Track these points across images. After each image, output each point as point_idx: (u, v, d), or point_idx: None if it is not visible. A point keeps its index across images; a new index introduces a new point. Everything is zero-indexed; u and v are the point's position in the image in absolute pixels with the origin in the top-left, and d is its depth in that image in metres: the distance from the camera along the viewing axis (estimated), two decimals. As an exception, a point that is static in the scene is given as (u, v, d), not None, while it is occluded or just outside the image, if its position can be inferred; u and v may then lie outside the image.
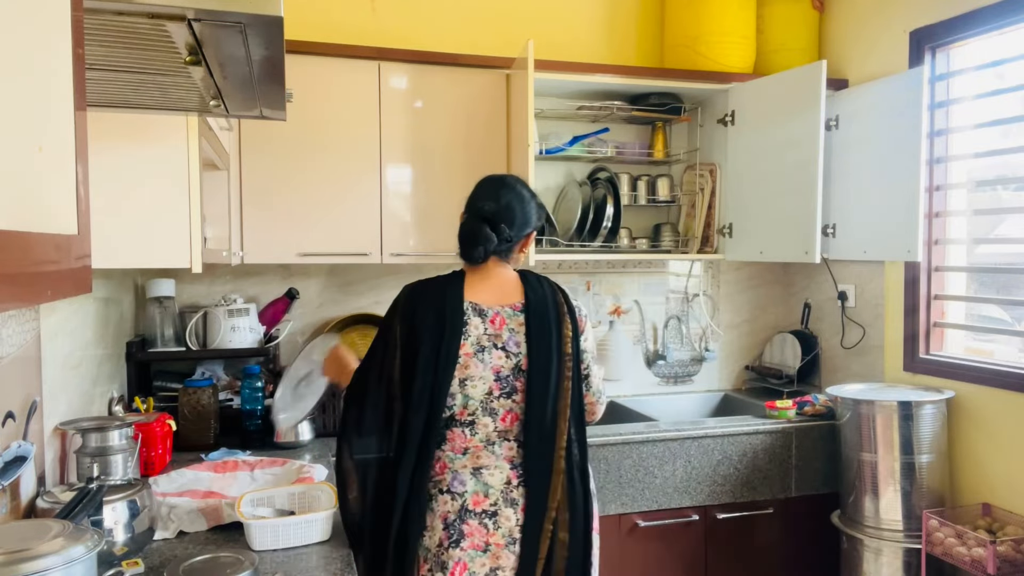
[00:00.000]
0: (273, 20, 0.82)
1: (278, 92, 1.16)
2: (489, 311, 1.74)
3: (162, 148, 1.65)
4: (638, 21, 3.27)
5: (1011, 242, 2.71)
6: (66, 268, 0.67)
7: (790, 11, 3.15)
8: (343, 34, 2.86)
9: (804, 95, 2.71)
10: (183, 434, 2.33)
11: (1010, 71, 2.58)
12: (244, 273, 2.87)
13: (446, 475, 1.70)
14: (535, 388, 1.70)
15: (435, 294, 1.74)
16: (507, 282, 1.80)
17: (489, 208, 1.77)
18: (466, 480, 1.70)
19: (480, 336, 1.71)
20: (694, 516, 2.68)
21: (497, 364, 1.71)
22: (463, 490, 1.69)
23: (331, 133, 2.60)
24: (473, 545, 1.67)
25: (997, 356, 2.63)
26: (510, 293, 1.78)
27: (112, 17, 0.81)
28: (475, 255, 1.77)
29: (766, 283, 3.48)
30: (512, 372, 1.72)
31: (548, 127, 3.07)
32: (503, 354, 1.71)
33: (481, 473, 1.70)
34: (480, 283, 1.78)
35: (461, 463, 1.70)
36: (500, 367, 1.71)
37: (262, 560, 1.48)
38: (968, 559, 2.31)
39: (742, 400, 3.24)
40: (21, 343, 1.44)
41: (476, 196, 1.83)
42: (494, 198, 1.79)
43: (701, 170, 3.20)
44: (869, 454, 2.59)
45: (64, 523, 1.12)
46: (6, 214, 0.52)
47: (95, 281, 1.95)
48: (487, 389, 1.70)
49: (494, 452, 1.71)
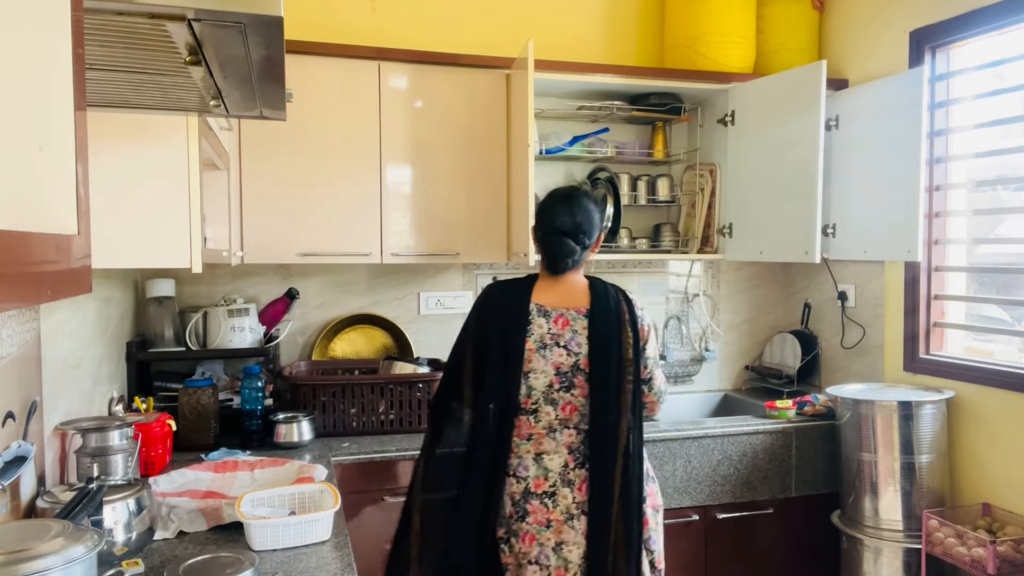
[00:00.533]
0: (273, 20, 0.82)
1: (278, 92, 1.16)
2: (553, 312, 1.92)
3: (162, 148, 1.65)
4: (638, 21, 3.27)
5: (1011, 242, 2.71)
6: (66, 268, 0.67)
7: (790, 11, 3.15)
8: (343, 34, 2.86)
9: (804, 95, 2.71)
10: (183, 434, 2.33)
11: (1010, 71, 2.58)
12: (244, 273, 2.87)
13: (512, 460, 1.89)
14: (596, 385, 1.88)
15: (506, 295, 1.97)
16: (577, 288, 1.97)
17: (567, 223, 1.94)
18: (529, 465, 1.88)
19: (543, 335, 1.90)
20: (694, 516, 2.68)
21: (557, 360, 1.89)
22: (526, 475, 1.88)
23: (331, 133, 2.60)
24: (537, 521, 1.86)
25: (997, 356, 2.63)
26: (578, 298, 1.95)
27: (112, 17, 0.81)
28: (561, 267, 1.95)
29: (766, 283, 3.48)
30: (571, 369, 1.89)
31: (548, 127, 3.07)
32: (564, 352, 1.89)
33: (542, 458, 1.89)
34: (550, 287, 1.96)
35: (525, 448, 1.89)
36: (560, 363, 1.89)
37: (262, 560, 1.48)
38: (968, 559, 2.31)
39: (742, 400, 3.24)
40: (21, 343, 1.44)
41: (551, 213, 1.98)
42: (569, 213, 1.95)
43: (701, 170, 3.20)
44: (869, 454, 2.59)
45: (64, 523, 1.12)
46: (6, 214, 0.52)
47: (95, 281, 1.95)
48: (548, 382, 1.88)
49: (555, 439, 1.89)
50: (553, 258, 1.95)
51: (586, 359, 1.88)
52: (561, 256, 1.94)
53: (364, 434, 2.57)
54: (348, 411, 2.58)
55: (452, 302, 3.08)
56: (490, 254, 2.81)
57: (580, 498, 1.87)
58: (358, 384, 2.59)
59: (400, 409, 2.60)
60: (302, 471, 1.98)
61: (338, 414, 2.57)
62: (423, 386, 2.61)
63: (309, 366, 2.81)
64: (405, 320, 3.02)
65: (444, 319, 3.07)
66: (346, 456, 2.36)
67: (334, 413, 2.57)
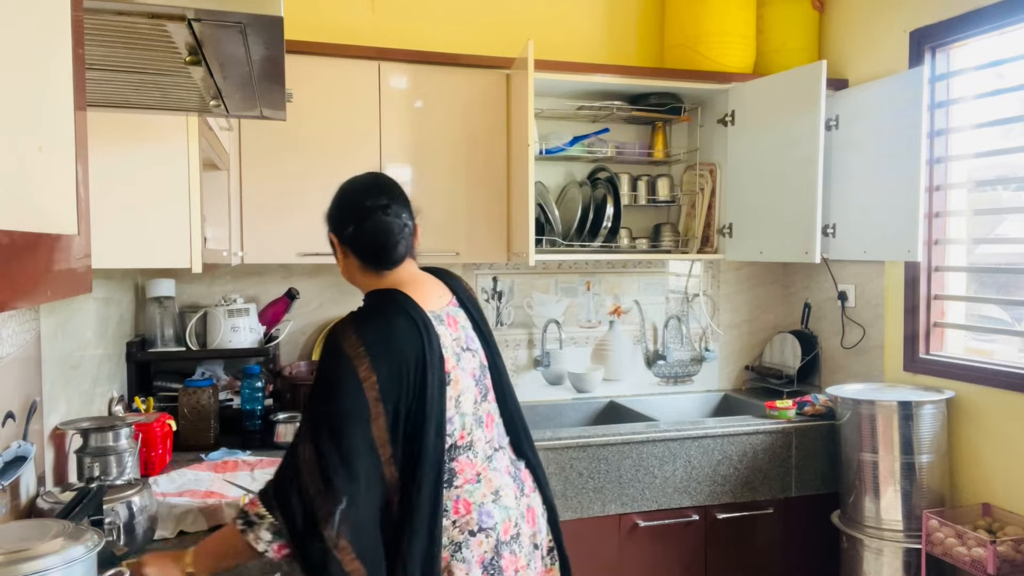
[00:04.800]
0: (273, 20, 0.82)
1: (278, 92, 1.16)
2: (443, 315, 1.53)
3: (162, 148, 1.65)
4: (638, 21, 3.27)
5: (1011, 242, 2.70)
6: (66, 268, 0.67)
7: (790, 11, 3.15)
8: (343, 34, 2.86)
9: (804, 95, 2.71)
10: (183, 434, 2.33)
11: (1010, 71, 2.58)
12: (244, 273, 2.87)
13: (472, 513, 1.46)
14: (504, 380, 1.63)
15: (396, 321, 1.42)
16: (428, 279, 1.60)
17: (384, 200, 1.54)
18: (492, 512, 1.48)
19: (450, 343, 1.50)
20: (694, 516, 2.68)
21: (472, 367, 1.53)
22: (493, 523, 1.48)
23: (331, 133, 2.60)
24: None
25: (997, 356, 2.63)
26: (440, 290, 1.59)
27: (112, 17, 0.81)
28: (397, 254, 1.54)
29: (766, 283, 3.48)
30: (481, 371, 1.57)
31: (548, 127, 3.07)
32: (470, 355, 1.54)
33: (500, 496, 1.51)
34: (415, 288, 1.53)
35: (481, 493, 1.49)
36: (473, 369, 1.54)
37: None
38: (968, 559, 2.31)
39: (742, 400, 3.24)
40: (21, 343, 1.44)
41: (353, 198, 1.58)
42: (382, 189, 1.58)
43: (701, 170, 3.20)
44: (869, 454, 2.59)
45: (64, 523, 1.12)
46: (6, 214, 0.52)
47: (95, 281, 1.95)
48: (472, 398, 1.52)
49: (493, 466, 1.54)
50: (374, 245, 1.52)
51: (483, 353, 1.59)
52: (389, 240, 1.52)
53: (364, 434, 2.56)
54: (348, 411, 2.57)
55: (452, 302, 3.08)
56: (490, 254, 2.81)
57: (531, 530, 1.57)
58: (358, 384, 2.58)
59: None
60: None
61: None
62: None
63: (309, 366, 2.81)
64: (405, 320, 3.02)
65: (444, 319, 3.06)
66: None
67: (334, 413, 2.56)
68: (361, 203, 1.56)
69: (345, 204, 1.60)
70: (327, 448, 1.31)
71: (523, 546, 1.53)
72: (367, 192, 1.58)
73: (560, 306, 3.22)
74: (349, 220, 1.56)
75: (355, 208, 1.56)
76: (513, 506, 1.53)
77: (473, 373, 1.53)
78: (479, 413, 1.53)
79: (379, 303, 1.49)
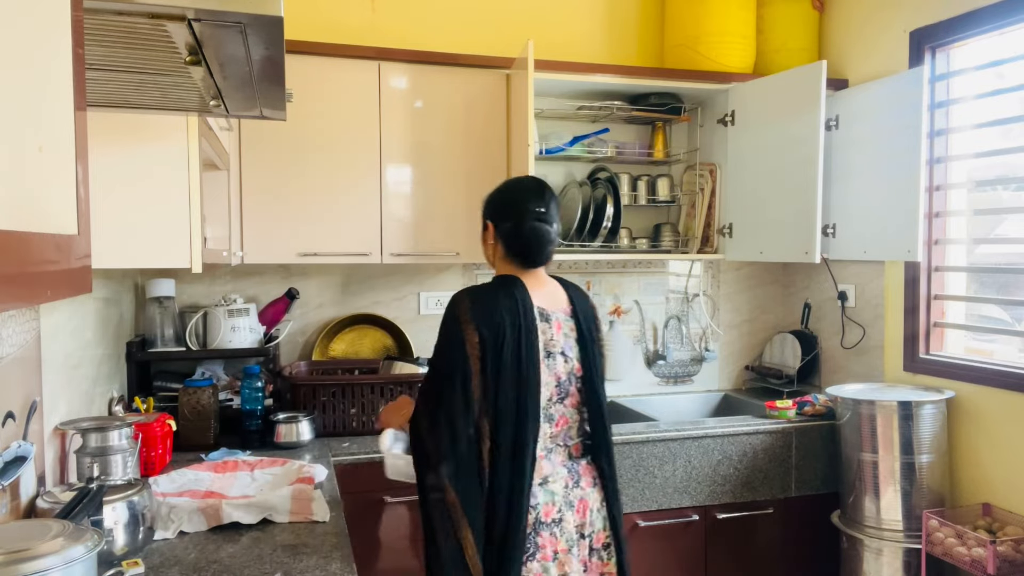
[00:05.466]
0: (273, 20, 0.82)
1: (278, 92, 1.16)
2: (552, 316, 1.76)
3: (162, 148, 1.65)
4: (638, 21, 3.28)
5: (1011, 242, 2.71)
6: (66, 268, 0.67)
7: (790, 11, 3.15)
8: (343, 34, 2.86)
9: (804, 95, 2.71)
10: (183, 434, 2.33)
11: (1010, 71, 2.58)
12: (244, 273, 2.87)
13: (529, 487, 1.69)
14: (591, 392, 1.78)
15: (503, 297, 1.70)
16: (554, 286, 1.83)
17: (543, 208, 1.78)
18: (537, 493, 1.70)
19: (547, 342, 1.73)
20: (694, 516, 2.68)
21: (558, 371, 1.74)
22: (536, 503, 1.69)
23: (331, 133, 2.60)
24: (544, 557, 1.69)
25: (997, 356, 2.63)
26: (559, 298, 1.81)
27: (112, 17, 0.81)
28: (543, 257, 1.79)
29: (766, 283, 3.48)
30: (568, 377, 1.76)
31: (548, 127, 3.07)
32: (563, 359, 1.75)
33: (547, 482, 1.72)
34: (538, 288, 1.78)
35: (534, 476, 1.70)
36: (559, 373, 1.74)
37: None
38: (968, 559, 2.31)
39: (742, 400, 3.24)
40: (21, 343, 1.44)
41: (520, 198, 1.80)
42: (541, 198, 1.80)
43: (701, 170, 3.20)
44: (869, 454, 2.59)
45: (64, 523, 1.12)
46: (6, 214, 0.52)
47: (95, 281, 1.95)
48: (548, 395, 1.73)
49: (551, 460, 1.74)
50: (529, 246, 1.76)
51: (579, 364, 1.77)
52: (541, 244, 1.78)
53: (364, 434, 2.57)
54: (348, 411, 2.58)
55: (452, 302, 3.08)
56: (490, 254, 2.81)
57: (579, 520, 1.74)
58: (358, 384, 2.59)
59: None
60: (302, 471, 1.98)
61: (338, 414, 2.57)
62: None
63: (309, 366, 2.81)
64: (405, 320, 3.02)
65: (444, 319, 3.06)
66: (346, 456, 2.36)
67: (334, 413, 2.57)
68: (525, 204, 1.78)
69: (510, 200, 1.82)
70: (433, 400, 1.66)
71: (565, 531, 1.71)
72: (532, 196, 1.80)
73: (560, 306, 3.22)
74: (510, 216, 1.78)
75: (519, 207, 1.79)
76: (560, 493, 1.72)
77: (558, 376, 1.74)
78: (550, 411, 1.73)
79: (500, 282, 1.77)
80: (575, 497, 1.74)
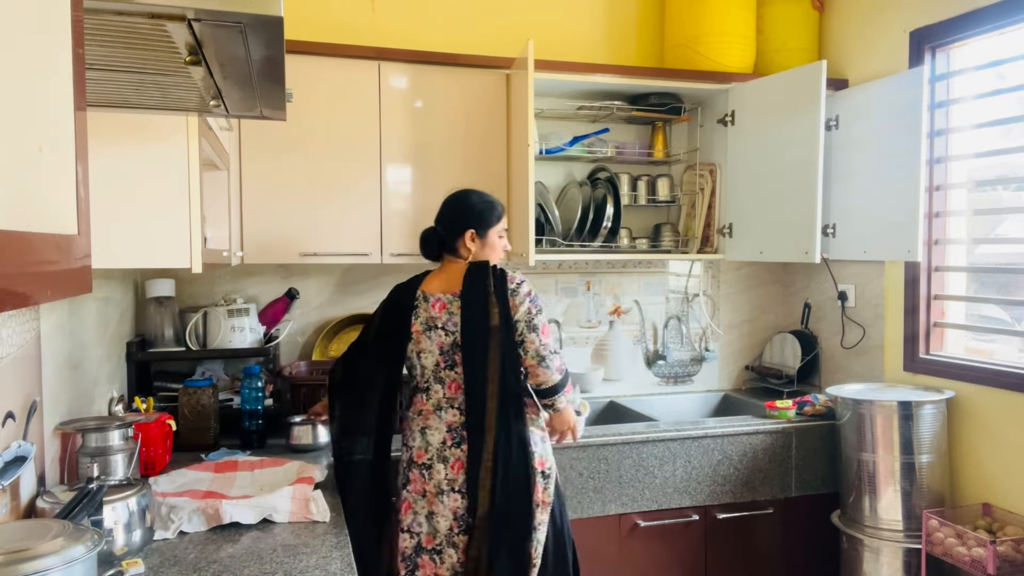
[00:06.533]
0: (273, 20, 0.82)
1: (278, 92, 1.16)
2: (431, 297, 2.16)
3: (162, 148, 1.65)
4: (638, 21, 3.27)
5: (1011, 242, 2.71)
6: (66, 268, 0.67)
7: (790, 11, 3.15)
8: (343, 34, 2.86)
9: (804, 95, 2.71)
10: (183, 434, 2.33)
11: (1010, 71, 2.58)
12: (244, 273, 2.87)
13: (404, 432, 2.19)
14: (468, 359, 2.07)
15: (403, 286, 2.25)
16: (456, 274, 2.17)
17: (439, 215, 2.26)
18: (415, 437, 2.14)
19: (428, 318, 2.14)
20: (694, 516, 2.68)
21: (440, 340, 2.12)
22: (412, 445, 2.14)
23: (331, 133, 2.60)
24: (415, 490, 2.12)
25: (997, 356, 2.63)
26: (455, 283, 2.15)
27: (112, 17, 0.81)
28: (425, 253, 2.26)
29: (766, 283, 3.48)
30: (451, 347, 2.10)
31: (548, 127, 3.07)
32: (443, 332, 2.11)
33: (426, 432, 2.12)
34: (435, 276, 2.22)
35: (416, 422, 2.15)
36: (442, 343, 2.11)
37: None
38: (968, 559, 2.31)
39: (742, 400, 3.24)
40: (21, 343, 1.44)
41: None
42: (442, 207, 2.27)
43: (701, 170, 3.20)
44: (869, 454, 2.59)
45: (64, 523, 1.12)
46: (6, 214, 0.52)
47: (95, 281, 1.95)
48: (435, 361, 2.13)
49: (440, 416, 2.11)
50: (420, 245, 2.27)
51: (460, 336, 2.08)
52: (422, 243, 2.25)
53: (364, 434, 2.57)
54: (348, 411, 2.57)
55: (452, 302, 3.08)
56: (490, 254, 2.81)
57: (452, 475, 2.06)
58: (358, 384, 2.58)
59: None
60: (302, 471, 1.98)
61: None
62: (423, 386, 2.61)
63: (309, 366, 2.80)
64: (405, 320, 3.02)
65: (444, 319, 3.06)
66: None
67: (334, 413, 2.56)
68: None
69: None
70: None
71: (434, 478, 2.08)
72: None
73: (560, 306, 3.23)
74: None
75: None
76: (435, 444, 2.10)
77: (440, 345, 2.12)
78: (440, 374, 2.12)
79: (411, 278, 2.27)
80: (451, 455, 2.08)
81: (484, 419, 2.05)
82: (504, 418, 2.05)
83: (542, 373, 2.08)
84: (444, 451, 2.08)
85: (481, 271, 2.13)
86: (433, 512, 2.08)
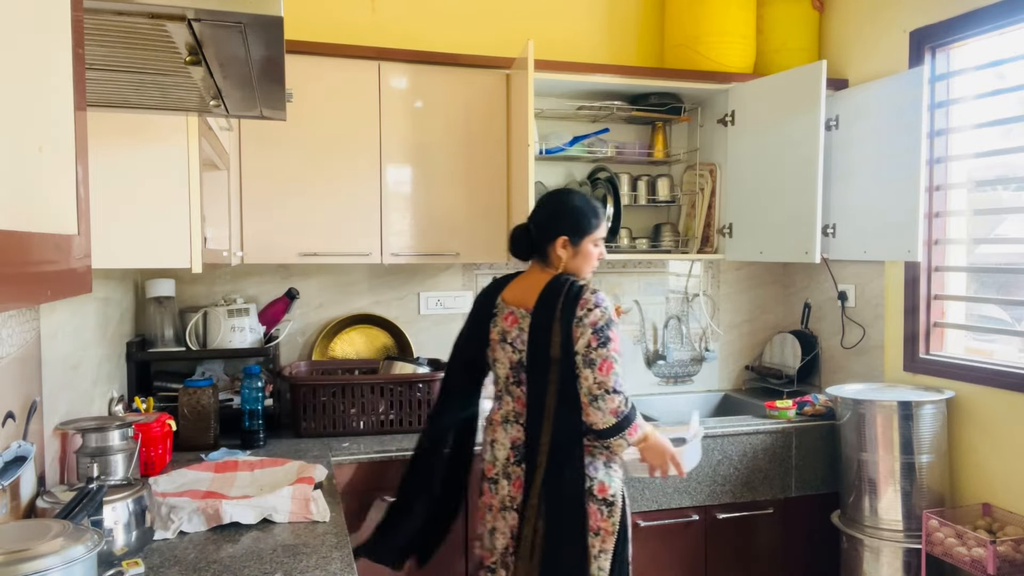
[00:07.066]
0: (273, 20, 0.82)
1: (278, 92, 1.16)
2: (506, 308, 2.05)
3: (162, 148, 1.65)
4: (638, 21, 3.27)
5: (1011, 242, 2.70)
6: (66, 268, 0.67)
7: (790, 11, 3.15)
8: (343, 34, 2.86)
9: (804, 95, 2.71)
10: (183, 434, 2.33)
11: (1010, 71, 2.58)
12: (244, 273, 2.87)
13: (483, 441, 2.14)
14: (531, 384, 1.96)
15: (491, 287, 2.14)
16: (536, 285, 2.01)
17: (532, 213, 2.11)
18: (487, 449, 2.10)
19: (501, 329, 2.05)
20: (694, 516, 2.68)
21: (509, 356, 2.02)
22: (485, 457, 2.11)
23: (331, 133, 2.60)
24: (485, 503, 2.10)
25: (997, 356, 2.63)
26: (532, 296, 1.99)
27: (112, 17, 0.81)
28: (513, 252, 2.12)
29: (766, 283, 3.48)
30: (518, 365, 2.00)
31: (548, 127, 3.07)
32: (511, 348, 2.01)
33: (494, 446, 2.07)
34: (518, 282, 2.09)
35: (488, 433, 2.11)
36: (511, 359, 2.02)
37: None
38: (968, 559, 2.31)
39: (742, 400, 3.24)
40: (21, 343, 1.44)
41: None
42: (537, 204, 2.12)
43: (701, 170, 3.20)
44: (869, 454, 2.59)
45: (64, 523, 1.12)
46: (6, 214, 0.52)
47: (95, 281, 1.95)
48: (506, 374, 2.04)
49: (506, 430, 2.04)
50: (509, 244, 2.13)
51: (527, 356, 1.97)
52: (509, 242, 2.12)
53: (364, 434, 2.57)
54: (348, 411, 2.58)
55: (452, 302, 3.08)
56: (490, 254, 2.81)
57: (513, 493, 2.00)
58: (358, 384, 2.59)
59: (400, 409, 2.61)
60: (302, 471, 1.98)
61: (338, 414, 2.57)
62: (423, 386, 2.61)
63: (309, 366, 2.81)
64: (405, 320, 3.02)
65: (444, 319, 3.07)
66: (346, 456, 2.36)
67: (334, 413, 2.57)
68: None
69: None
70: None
71: (499, 493, 2.03)
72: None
73: (560, 306, 3.22)
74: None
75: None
76: (500, 459, 2.04)
77: (510, 360, 2.02)
78: (510, 387, 2.04)
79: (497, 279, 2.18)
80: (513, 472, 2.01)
81: (537, 455, 1.92)
82: (555, 457, 1.90)
83: (592, 413, 1.88)
84: (508, 467, 2.03)
85: (555, 290, 1.94)
86: (495, 528, 2.05)
